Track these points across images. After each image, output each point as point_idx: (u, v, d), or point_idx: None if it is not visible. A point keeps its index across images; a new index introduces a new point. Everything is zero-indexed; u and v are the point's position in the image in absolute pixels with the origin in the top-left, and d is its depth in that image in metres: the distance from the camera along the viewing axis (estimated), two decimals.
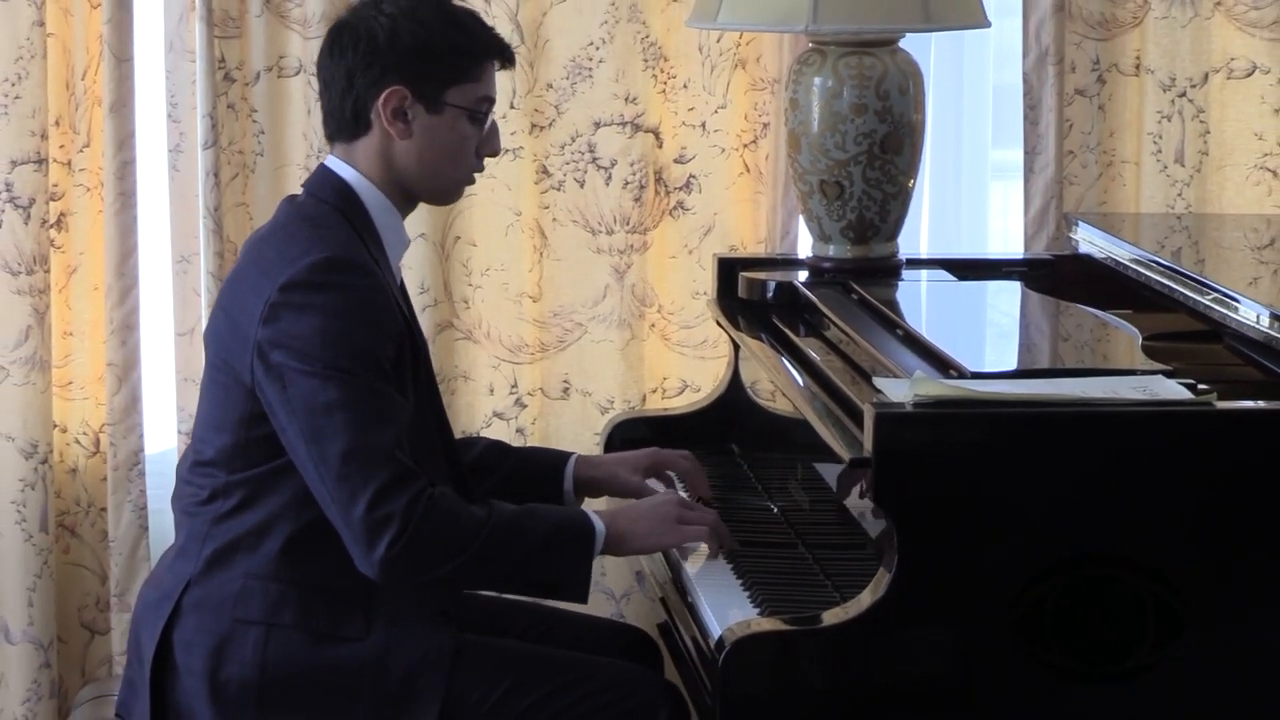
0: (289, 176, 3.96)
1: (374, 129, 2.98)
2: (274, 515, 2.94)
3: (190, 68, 3.89)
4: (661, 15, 4.01)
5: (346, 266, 2.90)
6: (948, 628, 2.68)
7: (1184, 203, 4.08)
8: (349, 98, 2.98)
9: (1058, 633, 2.67)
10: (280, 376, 2.86)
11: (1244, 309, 3.06)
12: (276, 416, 2.88)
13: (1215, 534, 2.69)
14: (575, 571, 2.94)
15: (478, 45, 3.02)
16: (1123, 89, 4.10)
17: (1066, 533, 2.67)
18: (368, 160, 3.00)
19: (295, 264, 2.88)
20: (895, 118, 3.55)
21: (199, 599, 2.95)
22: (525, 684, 2.94)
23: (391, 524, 2.82)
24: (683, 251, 4.06)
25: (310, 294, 2.87)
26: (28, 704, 3.93)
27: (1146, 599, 2.68)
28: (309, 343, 2.85)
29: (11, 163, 3.84)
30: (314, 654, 2.92)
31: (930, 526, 2.66)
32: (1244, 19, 4.05)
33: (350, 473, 2.83)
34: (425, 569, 2.86)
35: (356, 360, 2.85)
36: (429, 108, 2.98)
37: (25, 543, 3.91)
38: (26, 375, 3.89)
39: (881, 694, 2.69)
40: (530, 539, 2.92)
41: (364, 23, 2.98)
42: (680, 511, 3.06)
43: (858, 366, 3.04)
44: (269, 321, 2.87)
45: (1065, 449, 2.69)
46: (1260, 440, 2.72)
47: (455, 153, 3.02)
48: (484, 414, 4.06)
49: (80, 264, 3.96)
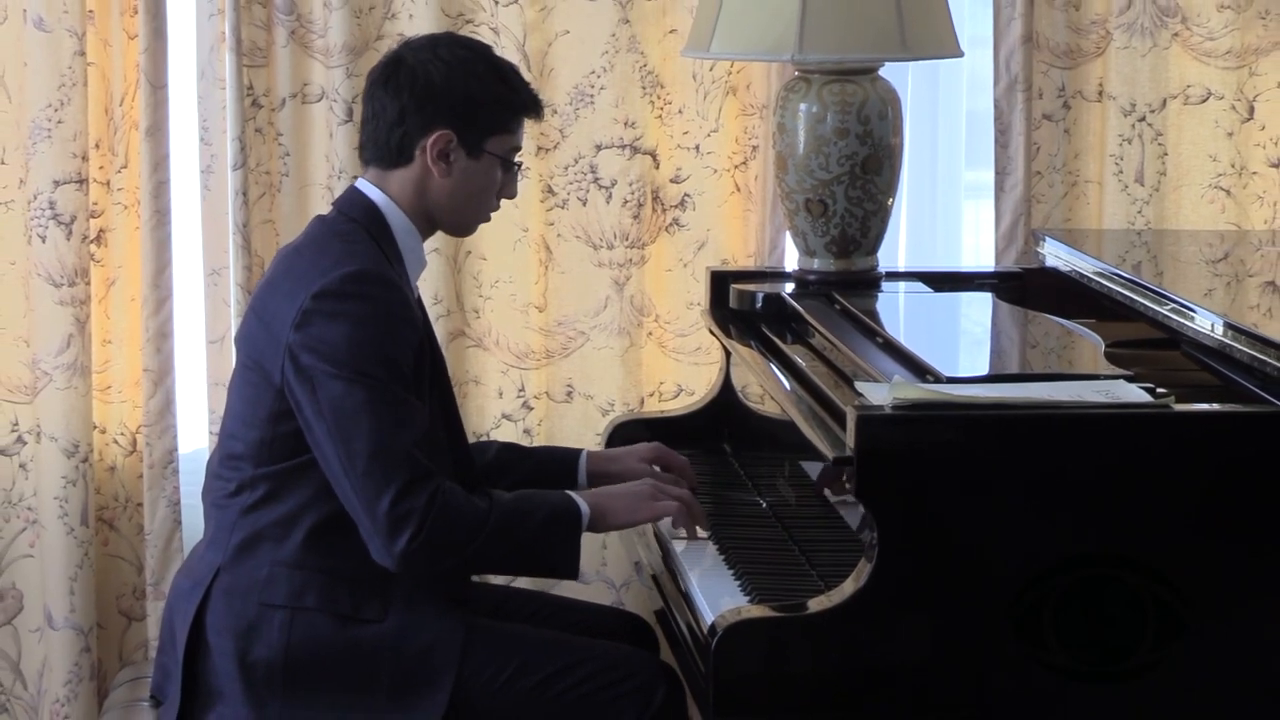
0: (312, 195, 3.96)
1: (415, 163, 3.00)
2: (298, 507, 2.94)
3: (221, 95, 3.89)
4: (658, 46, 4.01)
5: (375, 279, 2.91)
6: (925, 615, 2.68)
7: (1144, 220, 4.08)
8: (397, 131, 2.99)
9: (1039, 629, 2.68)
10: (310, 378, 2.87)
11: (1199, 318, 3.06)
12: (304, 415, 2.89)
13: (1172, 531, 2.69)
14: (567, 551, 2.98)
15: (519, 101, 3.05)
16: (1087, 114, 4.10)
17: (1036, 525, 2.67)
18: (401, 188, 3.01)
19: (328, 275, 2.89)
20: (875, 141, 3.54)
21: (228, 585, 2.96)
22: (531, 664, 2.95)
23: (411, 520, 2.83)
24: (678, 265, 4.06)
25: (341, 303, 2.88)
26: (69, 685, 3.93)
27: (1130, 593, 2.68)
28: (337, 348, 2.86)
29: (55, 182, 3.84)
30: (336, 634, 2.93)
31: (908, 520, 2.66)
32: (1199, 49, 4.06)
33: (374, 471, 2.84)
34: (438, 560, 2.88)
35: (381, 366, 2.86)
36: (470, 152, 3.01)
37: (67, 535, 3.90)
38: (69, 380, 3.88)
39: (863, 675, 2.69)
40: (528, 525, 2.94)
41: (421, 65, 2.99)
42: (653, 490, 3.09)
43: (840, 372, 3.04)
44: (301, 326, 2.88)
45: (1034, 448, 2.69)
46: (1216, 441, 2.72)
47: (483, 195, 3.05)
48: (493, 416, 4.06)
49: (118, 276, 3.96)
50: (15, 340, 3.93)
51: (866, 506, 2.67)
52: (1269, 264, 3.61)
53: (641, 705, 2.94)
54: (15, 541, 3.97)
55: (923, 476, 2.66)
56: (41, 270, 3.85)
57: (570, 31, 3.98)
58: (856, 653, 2.68)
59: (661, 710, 2.95)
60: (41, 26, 3.80)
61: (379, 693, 2.92)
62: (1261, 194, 4.08)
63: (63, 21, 3.80)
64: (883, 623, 2.67)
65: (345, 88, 3.90)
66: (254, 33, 3.90)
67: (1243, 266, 3.61)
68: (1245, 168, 4.08)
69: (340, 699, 2.92)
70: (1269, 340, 2.85)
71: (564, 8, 3.97)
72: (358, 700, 2.92)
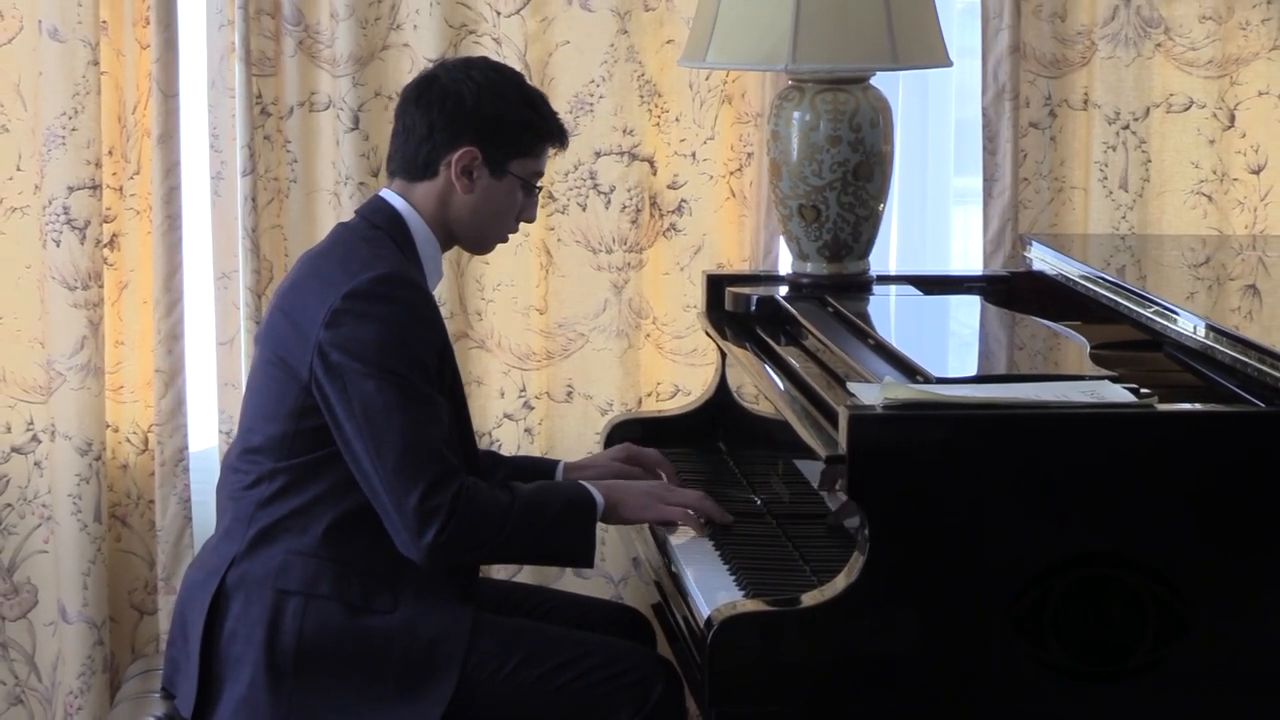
0: (319, 201, 3.97)
1: (440, 177, 3.03)
2: (314, 501, 2.96)
3: (230, 103, 3.90)
4: (656, 56, 4.02)
5: (403, 282, 2.94)
6: (914, 610, 2.69)
7: (1128, 225, 4.09)
8: (425, 146, 3.02)
9: (1036, 628, 2.69)
10: (341, 375, 2.89)
11: (1182, 320, 3.07)
12: (333, 412, 2.90)
13: (1155, 529, 2.70)
14: (584, 541, 3.01)
15: (545, 128, 3.08)
16: (1072, 122, 4.10)
17: (1023, 522, 2.68)
18: (425, 201, 3.04)
19: (357, 276, 2.92)
20: (867, 148, 3.55)
21: (242, 575, 2.97)
22: (534, 657, 2.96)
23: (439, 514, 2.86)
24: (675, 269, 4.06)
25: (371, 304, 2.90)
26: (83, 678, 3.93)
27: (1128, 593, 2.69)
28: (367, 347, 2.88)
29: (69, 188, 3.85)
30: (348, 623, 2.94)
31: (899, 517, 2.67)
32: (1182, 59, 4.07)
33: (403, 467, 2.86)
34: (465, 553, 2.92)
35: (409, 366, 2.89)
36: (493, 172, 3.03)
37: (81, 532, 3.91)
38: (82, 380, 3.89)
39: (855, 668, 2.69)
40: (547, 515, 2.97)
41: (454, 84, 3.02)
42: (664, 493, 3.12)
43: (833, 372, 3.05)
44: (331, 325, 2.90)
45: (1020, 447, 2.69)
46: (1198, 441, 2.72)
47: (503, 215, 3.08)
48: (495, 416, 4.06)
49: (131, 280, 3.96)
50: (30, 342, 3.93)
51: (858, 503, 2.67)
52: (1249, 268, 3.62)
53: (640, 698, 2.95)
54: (30, 537, 3.98)
55: (913, 474, 2.67)
56: (56, 274, 3.86)
57: (570, 42, 3.99)
58: (848, 646, 2.69)
59: (660, 703, 2.96)
60: (56, 37, 3.81)
61: (387, 681, 2.93)
62: (1242, 200, 4.09)
63: (77, 32, 3.81)
64: (873, 617, 2.68)
65: (351, 96, 3.91)
66: (263, 43, 3.91)
67: (1224, 270, 3.61)
68: (1226, 174, 4.09)
69: (350, 686, 2.93)
70: (1249, 342, 2.86)
71: (564, 19, 3.98)
72: (367, 688, 2.93)
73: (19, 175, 3.90)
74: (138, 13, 3.87)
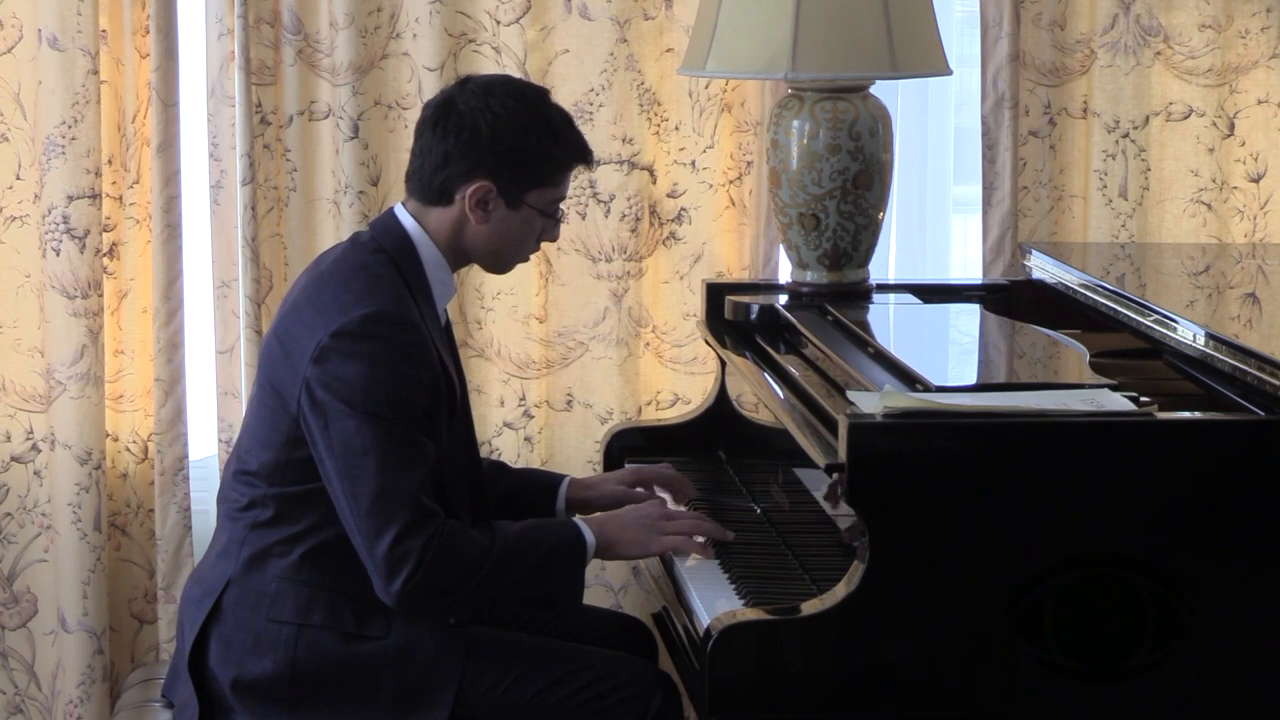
0: (318, 210, 3.96)
1: (454, 206, 2.98)
2: (306, 529, 2.94)
3: (230, 112, 3.89)
4: (655, 64, 4.01)
5: (394, 321, 2.89)
6: (914, 618, 2.68)
7: (1127, 233, 4.08)
8: (440, 174, 2.97)
9: (1038, 631, 2.68)
10: (324, 413, 2.85)
11: (1181, 329, 3.06)
12: (317, 448, 2.88)
13: (1155, 537, 2.69)
14: (569, 586, 2.96)
15: (566, 155, 3.01)
16: (1072, 130, 4.10)
17: (1022, 530, 2.68)
18: (438, 226, 3.00)
19: (349, 313, 2.88)
20: (866, 157, 3.55)
21: (237, 598, 2.95)
22: (531, 673, 2.94)
23: (409, 561, 2.82)
24: (674, 277, 4.06)
25: (358, 343, 2.86)
26: (82, 686, 3.93)
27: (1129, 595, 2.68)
28: (352, 387, 2.85)
29: (68, 197, 3.84)
30: (341, 650, 2.92)
31: (898, 525, 2.66)
32: (1181, 67, 4.06)
33: (377, 511, 2.83)
34: (435, 598, 2.87)
35: (392, 407, 2.85)
36: (509, 204, 2.98)
37: (80, 541, 3.90)
38: (82, 389, 3.88)
39: (855, 677, 2.69)
40: (528, 560, 2.92)
41: (471, 113, 2.95)
42: (661, 522, 3.07)
43: (833, 381, 3.04)
44: (318, 361, 2.86)
45: (1020, 455, 2.69)
46: (1198, 448, 2.72)
47: (521, 242, 3.04)
48: (495, 424, 4.05)
49: (130, 289, 3.96)
50: (30, 351, 3.93)
51: (858, 512, 2.67)
52: (1249, 276, 3.61)
53: (638, 712, 2.93)
54: (30, 546, 3.97)
55: (912, 483, 2.66)
56: (55, 283, 3.85)
57: (570, 50, 3.98)
58: (848, 654, 2.68)
59: (658, 717, 2.94)
60: (56, 46, 3.80)
61: (382, 705, 2.91)
62: (1241, 208, 4.09)
63: (76, 41, 3.80)
64: (873, 625, 2.67)
65: (351, 105, 3.90)
66: (262, 52, 3.90)
67: (1223, 279, 3.61)
68: (1226, 182, 4.09)
69: (344, 712, 2.91)
70: (1249, 350, 2.86)
71: (564, 27, 3.97)
72: (362, 713, 2.91)
73: (19, 185, 3.90)
74: (137, 22, 3.87)
